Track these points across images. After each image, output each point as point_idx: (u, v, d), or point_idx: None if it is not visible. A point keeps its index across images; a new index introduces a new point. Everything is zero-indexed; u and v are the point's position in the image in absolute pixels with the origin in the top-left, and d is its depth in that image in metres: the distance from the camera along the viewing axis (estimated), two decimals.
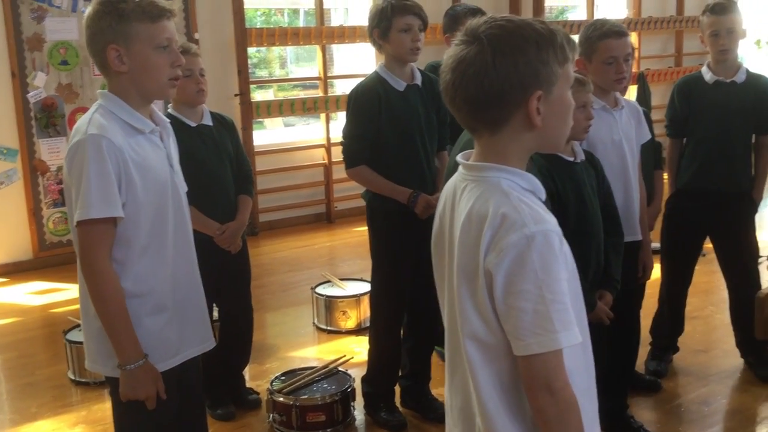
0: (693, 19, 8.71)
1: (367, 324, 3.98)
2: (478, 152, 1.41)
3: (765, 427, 3.22)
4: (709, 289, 4.63)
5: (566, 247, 1.34)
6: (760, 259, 3.67)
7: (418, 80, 3.08)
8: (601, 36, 2.79)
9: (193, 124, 3.12)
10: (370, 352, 3.29)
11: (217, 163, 3.15)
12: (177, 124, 2.98)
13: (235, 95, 6.33)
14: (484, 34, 1.31)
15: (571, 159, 2.50)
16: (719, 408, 3.35)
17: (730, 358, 3.73)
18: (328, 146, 6.98)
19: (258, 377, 3.74)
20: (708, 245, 3.66)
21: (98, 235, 1.85)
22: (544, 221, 1.30)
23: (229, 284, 3.23)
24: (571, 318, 1.28)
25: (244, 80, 6.42)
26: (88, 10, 1.90)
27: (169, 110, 3.12)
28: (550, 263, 1.27)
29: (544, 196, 1.40)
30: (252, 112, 6.47)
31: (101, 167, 1.81)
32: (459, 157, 1.44)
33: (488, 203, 1.32)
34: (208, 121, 3.17)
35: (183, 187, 2.07)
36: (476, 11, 3.50)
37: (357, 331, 4.25)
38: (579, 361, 1.38)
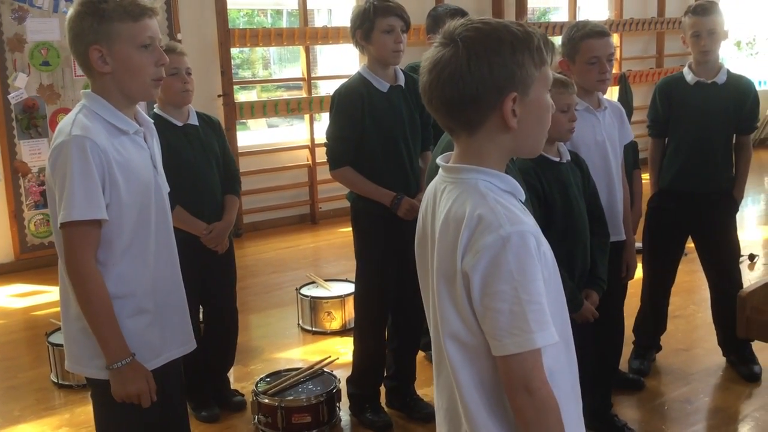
0: (674, 21, 8.79)
1: (352, 325, 3.96)
2: (457, 154, 1.42)
3: (747, 425, 3.26)
4: (691, 288, 4.68)
5: (545, 247, 1.34)
6: (741, 259, 3.71)
7: (401, 81, 3.09)
8: (584, 36, 2.81)
9: (180, 124, 3.11)
10: (355, 353, 3.29)
11: (204, 163, 3.14)
12: (163, 124, 2.98)
13: (219, 96, 6.31)
14: (460, 37, 1.32)
15: (557, 159, 2.52)
16: (702, 406, 3.38)
17: (712, 356, 3.77)
18: (312, 147, 6.97)
19: (243, 379, 3.73)
20: (690, 245, 3.69)
21: (82, 236, 1.84)
22: (521, 222, 1.30)
23: (214, 285, 3.23)
24: (547, 318, 1.29)
25: (228, 81, 6.40)
26: (70, 11, 1.89)
27: (155, 110, 3.11)
28: (525, 264, 1.28)
29: (523, 196, 1.41)
30: (236, 112, 6.45)
31: (85, 169, 1.80)
32: (439, 159, 1.45)
33: (465, 205, 1.33)
34: (194, 120, 3.16)
35: (166, 188, 2.06)
36: (457, 12, 3.51)
37: (342, 332, 4.25)
38: (561, 361, 1.39)
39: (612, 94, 7.09)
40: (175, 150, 2.98)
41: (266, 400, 3.13)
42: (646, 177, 3.56)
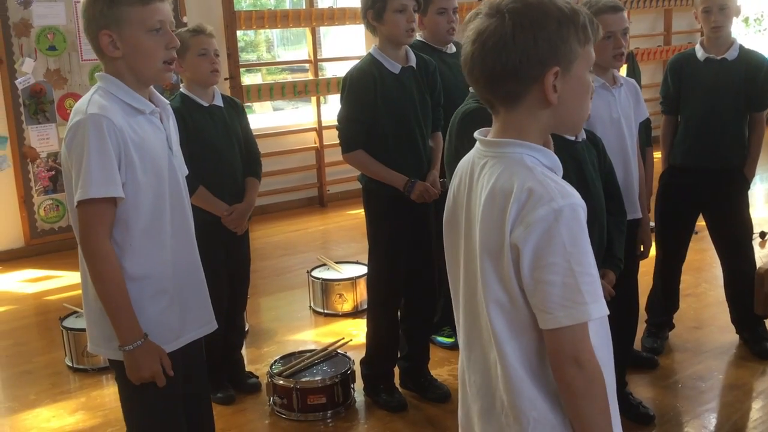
0: None
1: (364, 307, 3.99)
2: (497, 128, 1.40)
3: (761, 401, 3.26)
4: (702, 266, 4.67)
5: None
6: (753, 236, 3.70)
7: (413, 62, 3.07)
8: (598, 11, 2.78)
9: (206, 105, 3.11)
10: (369, 335, 3.29)
11: (227, 144, 3.15)
12: (190, 104, 3.01)
13: (225, 79, 6.28)
14: (506, 8, 1.31)
15: (572, 138, 2.50)
16: (716, 384, 3.39)
17: (725, 334, 3.77)
18: (319, 130, 6.96)
19: (256, 361, 3.74)
20: (700, 222, 3.68)
21: (98, 214, 1.83)
22: (571, 195, 1.30)
23: (232, 265, 3.24)
24: (599, 290, 1.29)
25: (234, 64, 6.38)
26: None
27: (182, 89, 3.11)
28: (578, 236, 1.28)
29: (561, 173, 1.40)
30: (242, 95, 6.43)
31: (102, 147, 1.80)
32: (477, 134, 1.44)
33: (513, 178, 1.32)
34: (219, 102, 3.17)
35: (183, 171, 2.05)
36: None
37: (354, 313, 4.26)
38: (601, 335, 1.39)
39: (620, 72, 7.03)
40: (201, 130, 3.01)
41: (281, 382, 3.15)
42: (657, 155, 3.55)
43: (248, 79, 7.81)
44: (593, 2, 2.87)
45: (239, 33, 6.63)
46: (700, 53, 3.46)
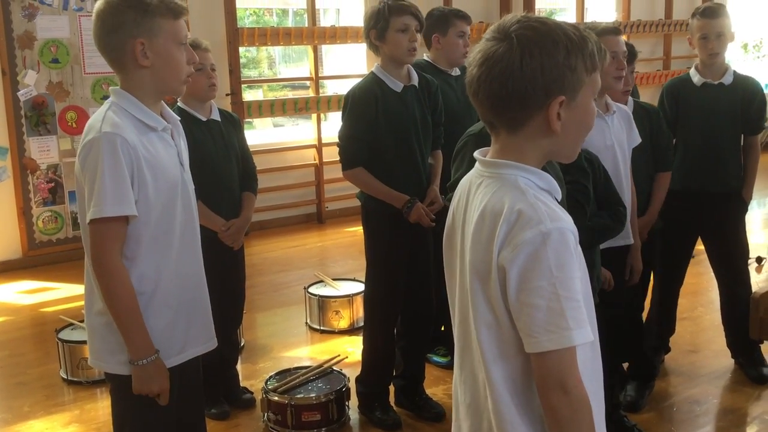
0: (681, 23, 8.79)
1: (360, 324, 3.99)
2: (496, 149, 1.41)
3: (756, 427, 3.26)
4: (698, 290, 4.68)
5: (579, 248, 1.33)
6: (748, 261, 3.72)
7: (415, 81, 3.10)
8: (600, 33, 2.82)
9: (203, 119, 3.13)
10: (365, 352, 3.29)
11: (224, 159, 3.16)
12: (187, 118, 3.02)
13: (227, 95, 6.32)
14: (515, 33, 1.30)
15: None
16: (711, 408, 3.39)
17: (720, 358, 3.77)
18: (319, 147, 6.98)
19: (251, 377, 3.74)
20: (697, 247, 3.69)
21: (111, 233, 1.85)
22: (560, 219, 1.29)
23: (228, 280, 3.24)
24: (584, 316, 1.28)
25: (236, 80, 6.42)
26: (100, 5, 1.89)
27: (179, 104, 3.13)
28: (564, 261, 1.27)
29: (560, 196, 1.40)
30: (243, 111, 6.46)
31: (116, 165, 1.82)
32: (476, 154, 1.44)
33: (504, 199, 1.32)
34: (216, 116, 3.19)
35: (192, 186, 2.08)
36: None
37: (350, 331, 4.26)
38: (589, 362, 1.38)
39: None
40: (198, 145, 3.02)
41: (276, 398, 3.14)
42: None
43: (249, 95, 7.85)
44: (593, 26, 2.91)
45: (241, 49, 6.67)
46: (696, 78, 3.49)
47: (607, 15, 8.84)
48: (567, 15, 9.33)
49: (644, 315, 3.54)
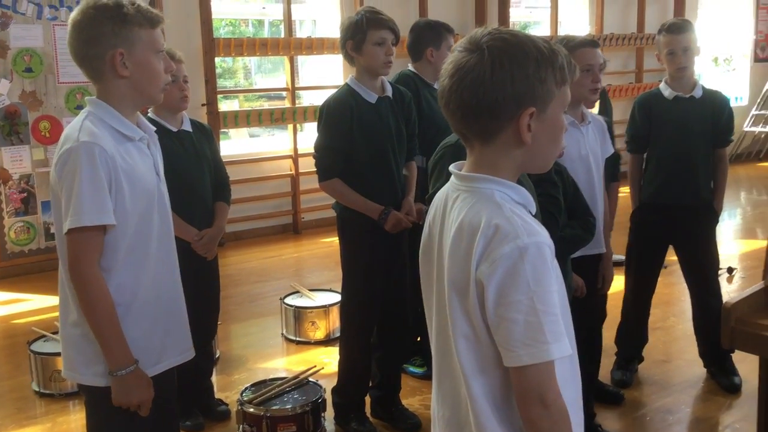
0: (653, 36, 8.90)
1: (336, 335, 3.99)
2: (471, 162, 1.42)
3: None
4: (671, 300, 4.73)
5: (555, 261, 1.34)
6: (719, 272, 3.77)
7: (389, 92, 3.12)
8: (578, 45, 2.86)
9: (174, 129, 3.13)
10: (341, 363, 3.29)
11: (197, 169, 3.16)
12: (159, 129, 2.99)
13: (202, 105, 6.30)
14: (486, 45, 1.32)
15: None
16: (683, 417, 3.42)
17: (692, 367, 3.82)
18: (295, 157, 6.98)
19: (226, 388, 3.72)
20: (670, 257, 3.74)
21: (89, 242, 1.84)
22: (537, 233, 1.30)
23: (201, 292, 3.22)
24: (562, 329, 1.29)
25: (212, 90, 6.40)
26: (76, 15, 1.89)
27: (150, 115, 3.12)
28: (542, 275, 1.28)
29: (534, 209, 1.41)
30: (219, 121, 6.45)
31: (94, 174, 1.81)
32: (452, 167, 1.45)
33: (481, 214, 1.33)
34: (187, 127, 3.18)
35: (168, 197, 2.07)
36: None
37: (326, 341, 4.25)
38: (568, 374, 1.39)
39: (593, 108, 7.16)
40: (170, 155, 2.98)
41: (251, 410, 3.12)
42: (625, 190, 3.61)
43: (225, 105, 7.83)
44: (570, 38, 2.95)
45: (217, 60, 6.66)
46: (667, 92, 3.55)
47: (581, 28, 8.95)
48: (541, 28, 9.44)
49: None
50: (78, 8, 1.91)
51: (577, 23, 9.04)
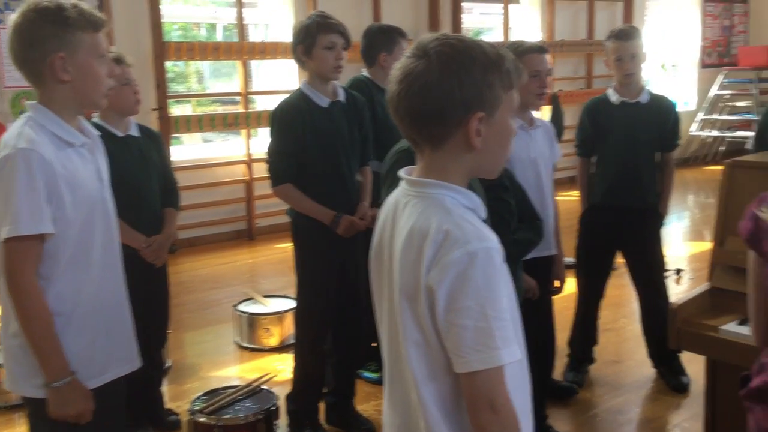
0: (602, 43, 9.08)
1: (291, 341, 3.95)
2: (421, 168, 1.42)
3: None
4: (621, 302, 4.81)
5: (505, 266, 1.35)
6: (667, 273, 3.85)
7: (341, 97, 3.11)
8: (525, 51, 2.89)
9: (121, 134, 3.07)
10: (295, 369, 3.27)
11: (144, 175, 3.10)
12: (104, 134, 2.93)
13: (153, 109, 6.20)
14: (434, 51, 1.32)
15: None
16: (633, 417, 3.48)
17: (642, 368, 3.88)
18: (249, 162, 6.92)
19: (178, 398, 3.66)
20: (619, 259, 3.81)
21: (26, 251, 1.80)
22: (486, 238, 1.31)
23: (149, 298, 3.17)
24: (512, 335, 1.30)
25: (162, 94, 6.31)
26: (17, 18, 1.84)
27: (96, 119, 3.06)
28: (492, 280, 1.28)
29: (484, 215, 1.41)
30: (170, 126, 6.36)
31: (31, 182, 1.77)
32: (402, 172, 1.45)
33: (431, 219, 1.32)
34: (135, 132, 3.13)
35: (113, 203, 2.03)
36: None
37: (280, 348, 4.22)
38: (517, 378, 1.39)
39: (544, 113, 7.27)
40: (116, 161, 2.92)
41: (203, 419, 3.07)
42: (575, 194, 3.66)
43: (177, 110, 7.72)
44: (519, 44, 2.98)
45: (170, 64, 6.57)
46: (614, 98, 3.62)
47: (533, 35, 9.06)
48: (494, 34, 9.53)
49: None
50: (19, 11, 1.86)
51: (528, 30, 9.16)
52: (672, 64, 10.90)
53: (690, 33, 10.86)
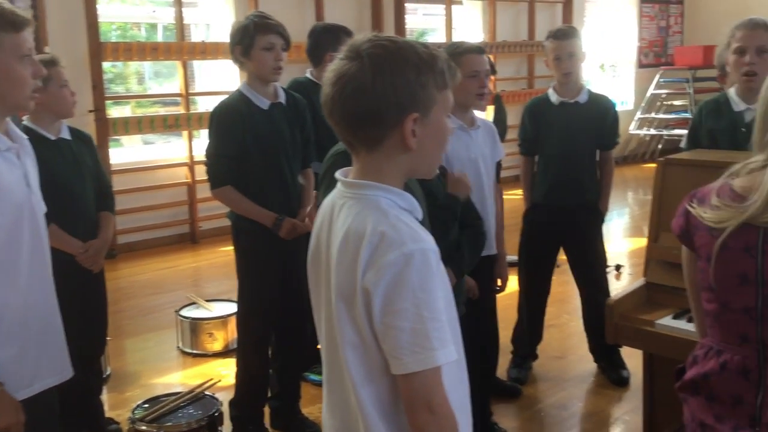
0: (542, 44, 9.24)
1: (235, 346, 3.89)
2: (357, 169, 1.41)
3: (618, 428, 3.43)
4: (564, 298, 4.88)
5: (441, 265, 1.35)
6: (608, 269, 3.92)
7: (282, 98, 3.08)
8: (464, 51, 2.91)
9: (53, 138, 2.97)
10: (238, 374, 3.22)
11: (77, 178, 3.02)
12: (35, 138, 2.84)
13: (90, 111, 6.06)
14: (366, 52, 1.32)
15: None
16: (576, 411, 3.54)
17: (584, 363, 3.95)
18: (191, 165, 6.82)
19: (118, 406, 3.57)
20: (562, 257, 3.86)
21: None
22: (422, 240, 1.31)
23: (86, 305, 3.09)
24: (448, 335, 1.30)
25: (100, 96, 6.17)
26: None
27: (26, 122, 2.96)
28: (427, 281, 1.28)
29: (420, 216, 1.41)
30: (108, 128, 6.22)
31: None
32: (338, 174, 1.44)
33: (366, 221, 1.32)
34: (66, 135, 3.04)
35: (41, 208, 1.96)
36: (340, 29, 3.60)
37: (224, 353, 4.16)
38: (455, 378, 1.40)
39: (488, 114, 7.33)
40: (48, 165, 2.84)
41: (144, 427, 3.00)
42: (518, 192, 3.71)
43: (116, 111, 7.56)
44: (458, 44, 3.00)
45: (108, 65, 6.43)
46: (554, 98, 3.67)
47: (475, 36, 9.15)
48: (437, 35, 9.60)
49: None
50: None
51: (471, 31, 9.25)
52: (611, 65, 11.14)
53: (627, 33, 11.12)
